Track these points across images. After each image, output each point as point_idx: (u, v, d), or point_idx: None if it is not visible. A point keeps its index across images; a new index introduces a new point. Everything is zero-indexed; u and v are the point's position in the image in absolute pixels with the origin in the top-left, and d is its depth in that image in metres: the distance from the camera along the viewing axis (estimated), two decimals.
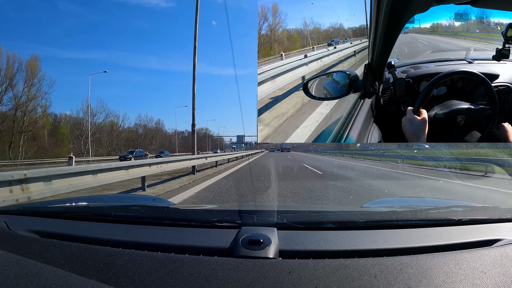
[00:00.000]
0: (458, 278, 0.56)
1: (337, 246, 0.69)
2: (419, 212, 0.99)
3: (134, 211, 1.02)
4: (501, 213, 0.93)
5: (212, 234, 0.77)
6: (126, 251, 0.67)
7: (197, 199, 4.72)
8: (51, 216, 0.97)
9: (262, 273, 0.57)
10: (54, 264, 0.62)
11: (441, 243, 0.71)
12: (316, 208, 2.26)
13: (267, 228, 0.75)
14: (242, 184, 6.74)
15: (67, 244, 0.71)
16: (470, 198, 4.89)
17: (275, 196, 4.62)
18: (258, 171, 9.70)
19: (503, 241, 0.73)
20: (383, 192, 5.31)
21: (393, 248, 0.68)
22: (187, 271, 0.59)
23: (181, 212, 1.05)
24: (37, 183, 3.11)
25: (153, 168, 6.17)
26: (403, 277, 0.56)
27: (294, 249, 0.67)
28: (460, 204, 1.17)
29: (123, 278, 0.57)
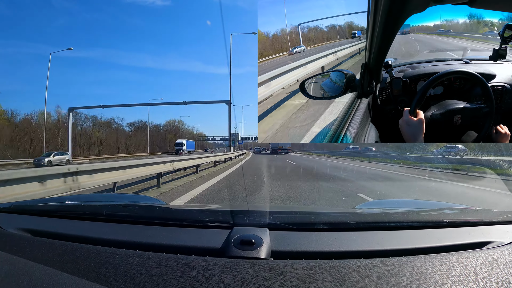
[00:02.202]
0: (449, 279, 0.57)
1: (329, 247, 0.69)
2: (411, 214, 0.99)
3: (126, 210, 1.02)
4: (492, 215, 0.94)
5: (204, 234, 0.77)
6: (118, 250, 0.67)
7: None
8: (42, 214, 0.96)
9: (254, 273, 0.57)
10: (45, 263, 0.61)
11: (433, 245, 0.71)
12: (308, 209, 2.28)
13: (259, 229, 0.75)
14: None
15: (59, 243, 0.71)
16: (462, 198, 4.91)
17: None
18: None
19: (493, 243, 0.73)
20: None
21: (385, 249, 0.69)
22: (178, 271, 0.58)
23: (173, 211, 1.05)
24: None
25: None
26: (394, 278, 0.56)
27: (286, 250, 0.68)
28: (452, 206, 1.18)
29: (115, 278, 0.57)
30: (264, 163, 16.07)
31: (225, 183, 6.96)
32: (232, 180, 7.74)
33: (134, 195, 4.76)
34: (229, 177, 8.58)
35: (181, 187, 6.28)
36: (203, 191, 5.69)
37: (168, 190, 5.81)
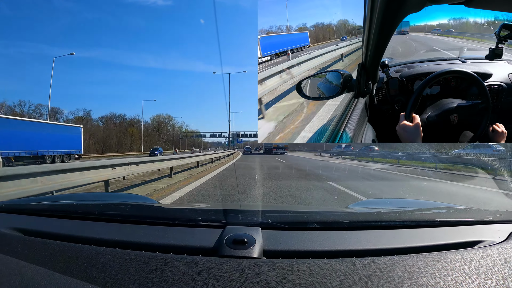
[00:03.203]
0: (440, 278, 0.57)
1: (321, 246, 0.70)
2: (402, 213, 1.00)
3: (118, 209, 1.01)
4: (483, 215, 0.94)
5: (196, 233, 0.76)
6: (110, 249, 0.67)
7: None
8: (34, 213, 0.95)
9: (246, 272, 0.57)
10: (37, 263, 0.61)
11: (424, 244, 0.72)
12: (300, 208, 2.28)
13: (251, 228, 0.75)
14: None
15: (51, 243, 0.70)
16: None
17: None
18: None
19: (484, 242, 0.74)
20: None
21: (377, 248, 0.69)
22: (171, 270, 0.58)
23: (165, 210, 1.04)
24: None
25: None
26: (386, 277, 0.57)
27: (278, 249, 0.68)
28: (443, 206, 1.18)
29: (107, 277, 0.57)
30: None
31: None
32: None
33: (126, 194, 4.74)
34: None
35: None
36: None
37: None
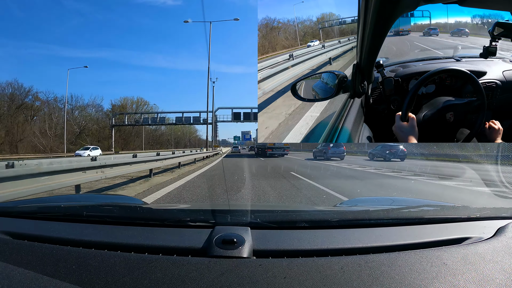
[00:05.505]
0: (429, 275, 0.58)
1: (311, 245, 0.70)
2: (391, 211, 1.01)
3: (106, 211, 1.01)
4: (471, 212, 0.95)
5: (185, 234, 0.76)
6: (99, 252, 0.66)
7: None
8: (22, 216, 0.94)
9: (236, 272, 0.57)
10: (25, 266, 0.60)
11: (413, 241, 0.72)
12: (289, 207, 2.30)
13: (240, 228, 0.75)
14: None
15: (39, 246, 0.69)
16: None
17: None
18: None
19: (472, 239, 0.75)
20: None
21: (366, 246, 0.69)
22: (161, 272, 0.58)
23: (154, 211, 1.04)
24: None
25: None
26: (375, 274, 0.57)
27: (268, 249, 0.68)
28: (431, 203, 1.19)
29: (97, 280, 0.56)
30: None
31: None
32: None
33: (114, 195, 4.67)
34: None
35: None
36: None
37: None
